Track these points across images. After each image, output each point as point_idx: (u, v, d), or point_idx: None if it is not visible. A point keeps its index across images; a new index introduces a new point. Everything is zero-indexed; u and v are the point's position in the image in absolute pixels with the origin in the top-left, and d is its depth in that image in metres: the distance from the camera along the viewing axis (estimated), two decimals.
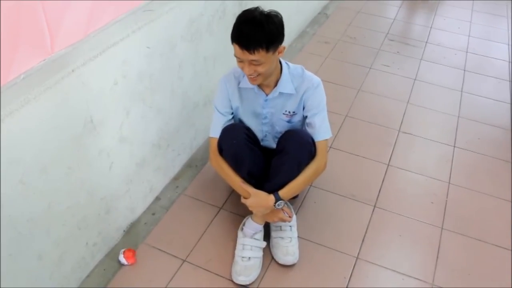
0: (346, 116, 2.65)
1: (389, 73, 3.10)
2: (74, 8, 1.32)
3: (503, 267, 1.88)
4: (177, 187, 2.12)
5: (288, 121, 1.81)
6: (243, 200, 1.78)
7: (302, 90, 1.74)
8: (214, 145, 1.80)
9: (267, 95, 1.75)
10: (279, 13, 1.58)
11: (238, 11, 2.27)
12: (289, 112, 1.78)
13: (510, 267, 1.88)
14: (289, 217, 1.80)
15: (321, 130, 1.76)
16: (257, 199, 1.73)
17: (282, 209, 1.77)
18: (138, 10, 1.65)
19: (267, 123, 1.83)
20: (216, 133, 1.79)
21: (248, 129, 1.81)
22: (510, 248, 1.95)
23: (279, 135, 1.82)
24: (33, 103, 1.23)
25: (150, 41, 1.67)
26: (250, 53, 1.52)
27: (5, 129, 1.16)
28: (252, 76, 1.61)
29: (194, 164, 2.25)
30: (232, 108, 1.82)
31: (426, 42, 3.52)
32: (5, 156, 1.19)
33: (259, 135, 1.88)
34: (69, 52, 1.36)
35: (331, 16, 3.79)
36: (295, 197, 2.00)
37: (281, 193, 1.72)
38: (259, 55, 1.52)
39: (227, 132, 1.76)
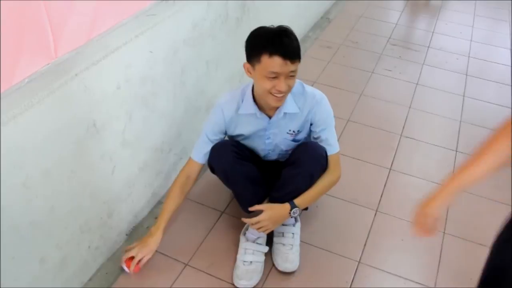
0: (348, 120, 2.65)
1: (391, 78, 3.10)
2: (78, 13, 1.33)
3: None
4: None
5: (293, 140, 1.79)
6: (247, 220, 1.72)
7: (306, 109, 1.72)
8: (188, 167, 1.80)
9: (270, 117, 1.73)
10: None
11: (240, 16, 2.30)
12: (293, 131, 1.76)
13: None
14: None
15: (331, 144, 1.75)
16: (273, 211, 1.70)
17: None
18: (141, 14, 1.66)
19: (270, 143, 1.80)
20: (196, 156, 1.78)
21: (236, 146, 1.77)
22: None
23: (284, 152, 1.82)
24: (37, 107, 1.23)
25: (152, 46, 1.68)
26: (293, 63, 1.51)
27: (8, 132, 1.17)
28: (283, 94, 1.58)
29: None
30: (224, 134, 1.80)
31: (428, 46, 3.53)
32: (8, 160, 1.19)
33: (262, 153, 1.86)
34: (73, 57, 1.37)
35: (333, 20, 3.80)
36: (305, 209, 1.97)
37: (297, 201, 1.71)
38: (297, 65, 1.54)
39: (215, 151, 1.74)
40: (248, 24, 2.41)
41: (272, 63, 1.50)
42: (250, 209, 1.74)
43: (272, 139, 1.79)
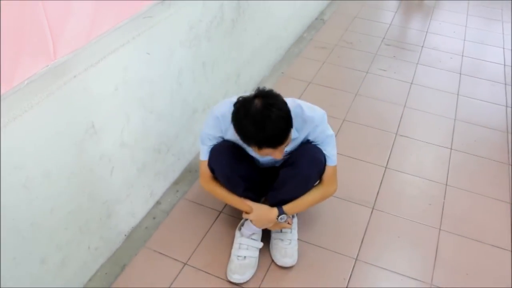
0: (344, 120, 2.67)
1: (386, 77, 3.13)
2: (76, 15, 1.34)
3: (501, 267, 1.90)
4: (177, 191, 2.14)
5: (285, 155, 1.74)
6: (245, 215, 1.79)
7: (304, 133, 1.67)
8: (204, 170, 1.76)
9: None
10: (270, 89, 1.50)
11: (235, 17, 2.32)
12: (289, 152, 1.72)
13: (508, 266, 1.90)
14: (289, 224, 1.81)
15: (329, 155, 1.70)
16: (260, 212, 1.74)
17: None
18: (138, 16, 1.67)
19: (263, 162, 1.81)
20: (206, 156, 1.73)
21: (235, 146, 1.71)
22: (507, 248, 1.97)
23: (280, 161, 1.77)
24: (36, 109, 1.25)
25: (150, 47, 1.70)
26: (283, 144, 1.46)
27: (8, 134, 1.18)
28: (280, 157, 1.55)
29: (194, 169, 2.27)
30: (222, 138, 1.74)
31: (422, 46, 3.56)
32: (9, 161, 1.21)
33: (257, 163, 1.84)
34: (71, 59, 1.38)
35: (328, 21, 3.82)
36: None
37: (286, 208, 1.73)
38: (289, 138, 1.48)
39: (214, 153, 1.71)
40: (243, 25, 2.44)
41: (263, 152, 1.47)
42: (244, 216, 1.79)
43: (265, 159, 1.77)
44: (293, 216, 1.89)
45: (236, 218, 2.01)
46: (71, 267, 1.61)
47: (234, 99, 1.52)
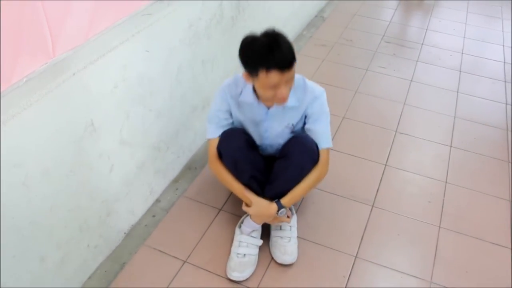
0: (344, 117, 2.67)
1: (386, 75, 3.13)
2: (75, 13, 1.34)
3: (500, 264, 1.90)
4: (177, 189, 2.14)
5: (291, 132, 1.79)
6: (244, 208, 1.79)
7: (305, 102, 1.71)
8: (212, 149, 1.78)
9: (268, 108, 1.73)
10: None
11: (235, 15, 2.31)
12: (292, 124, 1.77)
13: (508, 264, 1.90)
14: (288, 217, 1.81)
15: (323, 137, 1.73)
16: (259, 208, 1.74)
17: None
18: (137, 14, 1.67)
19: (268, 136, 1.81)
20: (214, 133, 1.77)
21: (247, 134, 1.79)
22: (507, 245, 1.97)
23: (281, 147, 1.80)
24: (35, 106, 1.25)
25: (149, 45, 1.69)
26: (290, 70, 1.50)
27: (7, 132, 1.18)
28: (286, 98, 1.58)
29: (194, 166, 2.27)
30: (231, 114, 1.79)
31: (422, 44, 3.56)
32: (8, 159, 1.21)
33: (260, 147, 1.87)
34: (70, 56, 1.38)
35: (327, 19, 3.82)
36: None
37: (284, 201, 1.73)
38: (293, 69, 1.52)
39: (226, 136, 1.74)
40: (243, 23, 2.43)
41: (271, 77, 1.49)
42: (243, 208, 1.79)
43: (270, 132, 1.79)
44: (292, 213, 1.89)
45: (235, 215, 2.01)
46: (70, 265, 1.61)
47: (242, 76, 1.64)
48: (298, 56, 1.54)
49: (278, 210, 1.73)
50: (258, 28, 1.56)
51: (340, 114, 2.69)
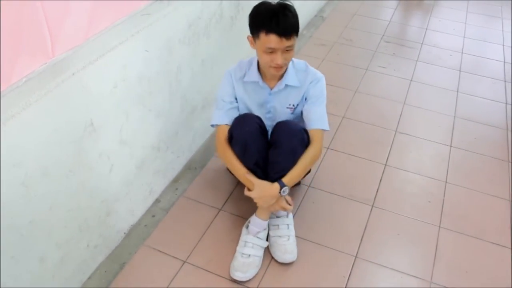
0: (343, 117, 2.67)
1: (386, 75, 3.13)
2: (74, 13, 1.34)
3: (500, 264, 1.90)
4: (176, 189, 2.14)
5: (292, 113, 1.87)
6: (247, 193, 1.78)
7: (306, 84, 1.82)
8: (221, 133, 1.80)
9: (271, 88, 1.81)
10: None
11: (234, 15, 2.31)
12: (293, 105, 1.84)
13: (508, 264, 1.90)
14: (290, 205, 1.80)
15: (320, 119, 1.80)
16: (262, 188, 1.73)
17: (284, 197, 1.78)
18: (136, 14, 1.67)
19: (270, 117, 1.88)
20: (222, 120, 1.81)
21: (260, 119, 1.81)
22: (507, 245, 1.97)
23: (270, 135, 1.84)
24: (34, 107, 1.24)
25: (148, 45, 1.69)
26: (288, 39, 1.61)
27: (7, 132, 1.17)
28: (280, 66, 1.67)
29: (193, 166, 2.27)
30: (236, 99, 1.85)
31: (422, 43, 3.56)
32: (7, 159, 1.20)
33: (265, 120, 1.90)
34: (70, 56, 1.38)
35: (327, 18, 3.82)
36: (297, 184, 2.04)
37: (285, 180, 1.74)
38: (293, 40, 1.63)
39: (240, 120, 1.78)
40: (242, 22, 2.41)
41: (269, 40, 1.61)
42: (246, 193, 1.79)
43: (273, 113, 1.87)
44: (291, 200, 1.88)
45: (235, 215, 2.01)
46: (70, 265, 1.61)
47: (246, 61, 1.83)
48: (298, 56, 1.55)
49: (280, 189, 1.72)
50: None
51: (340, 114, 2.69)
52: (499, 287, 1.81)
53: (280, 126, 1.77)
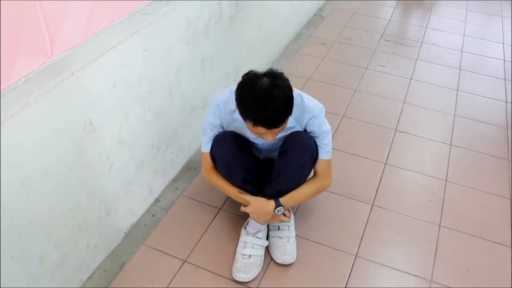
0: (343, 116, 2.67)
1: (385, 73, 3.12)
2: (73, 13, 1.33)
3: (501, 263, 1.90)
4: (176, 188, 2.14)
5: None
6: (242, 209, 1.79)
7: (303, 121, 1.69)
8: (206, 160, 1.80)
9: None
10: (281, 72, 1.51)
11: (234, 14, 2.31)
12: (279, 138, 1.72)
13: (508, 262, 1.90)
14: (288, 217, 1.81)
15: (321, 149, 1.72)
16: (257, 205, 1.74)
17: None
18: (135, 13, 1.67)
19: (263, 149, 1.84)
20: (206, 148, 1.77)
21: (238, 137, 1.74)
22: (507, 244, 1.97)
23: (277, 149, 1.79)
24: (34, 106, 1.24)
25: (147, 44, 1.69)
26: (278, 128, 1.49)
27: (6, 131, 1.17)
28: (271, 141, 1.57)
29: (193, 166, 2.26)
30: (222, 127, 1.77)
31: (422, 42, 3.55)
32: (6, 159, 1.20)
33: (255, 152, 1.87)
34: (69, 56, 1.38)
35: (326, 17, 3.81)
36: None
37: (282, 200, 1.73)
38: (284, 124, 1.50)
39: (217, 140, 1.73)
40: (242, 22, 2.43)
41: (257, 129, 1.49)
42: (242, 209, 1.79)
43: (265, 146, 1.82)
44: (290, 213, 1.88)
45: (235, 215, 2.01)
46: (69, 265, 1.61)
47: (234, 88, 1.54)
48: (297, 55, 1.54)
49: (275, 208, 1.73)
50: (257, 27, 1.55)
51: (340, 113, 2.69)
52: (499, 285, 1.81)
53: (293, 137, 1.70)
